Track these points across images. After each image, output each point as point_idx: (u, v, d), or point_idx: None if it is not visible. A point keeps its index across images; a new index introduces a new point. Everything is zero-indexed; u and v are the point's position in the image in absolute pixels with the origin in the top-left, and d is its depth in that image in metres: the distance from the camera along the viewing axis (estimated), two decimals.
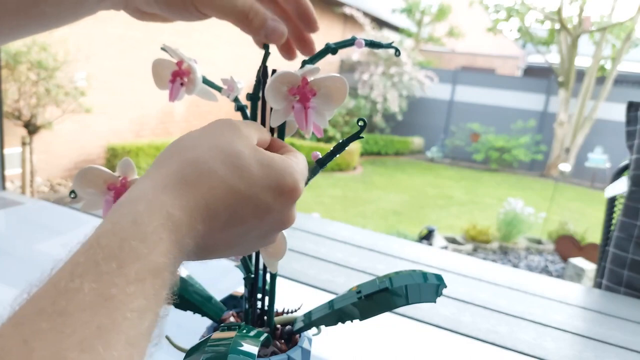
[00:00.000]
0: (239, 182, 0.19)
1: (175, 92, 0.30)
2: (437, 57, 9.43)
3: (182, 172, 0.19)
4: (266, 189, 0.20)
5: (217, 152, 0.20)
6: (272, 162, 0.20)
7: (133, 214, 0.17)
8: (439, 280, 0.32)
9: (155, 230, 0.17)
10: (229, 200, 0.19)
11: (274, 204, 0.20)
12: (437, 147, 7.07)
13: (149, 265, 0.16)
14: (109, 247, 0.16)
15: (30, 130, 2.98)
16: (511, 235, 3.39)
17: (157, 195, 0.18)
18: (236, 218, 0.20)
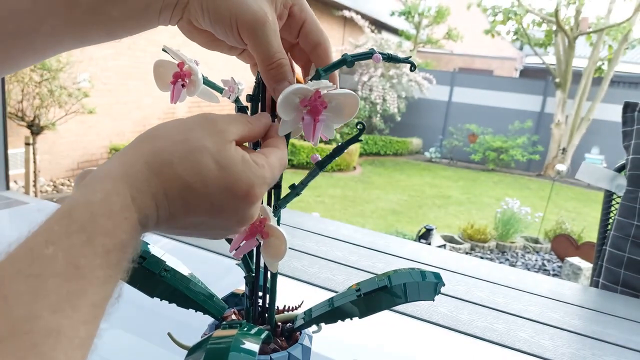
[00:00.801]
0: (194, 180, 0.20)
1: (177, 93, 0.30)
2: (435, 58, 9.45)
3: (147, 159, 0.20)
4: (220, 190, 0.21)
5: (181, 147, 0.21)
6: (231, 164, 0.21)
7: (102, 192, 0.19)
8: (437, 279, 0.32)
9: (121, 210, 0.18)
10: (183, 194, 0.20)
11: (227, 205, 0.21)
12: (435, 148, 7.08)
13: (114, 240, 0.18)
14: (81, 221, 0.17)
15: (33, 130, 2.98)
16: (508, 234, 3.40)
17: (123, 177, 0.19)
18: (191, 211, 0.21)
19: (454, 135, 7.03)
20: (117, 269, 0.18)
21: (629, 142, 0.87)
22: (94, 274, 0.17)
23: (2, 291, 0.15)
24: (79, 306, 0.16)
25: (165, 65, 0.31)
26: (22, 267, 0.15)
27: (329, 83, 0.25)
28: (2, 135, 0.92)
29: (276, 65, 0.24)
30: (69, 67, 3.08)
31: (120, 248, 0.18)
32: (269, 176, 0.23)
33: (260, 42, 0.24)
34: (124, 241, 0.18)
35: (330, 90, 0.25)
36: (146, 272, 0.30)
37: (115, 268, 0.18)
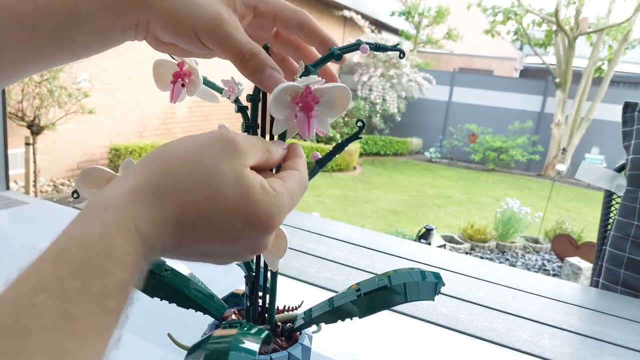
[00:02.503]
0: (210, 207, 0.19)
1: (176, 93, 0.30)
2: (435, 59, 9.45)
3: (157, 183, 0.18)
4: (237, 219, 0.19)
5: (197, 170, 0.19)
6: (250, 192, 0.20)
7: (102, 224, 0.17)
8: (437, 279, 0.32)
9: (122, 245, 0.17)
10: (196, 223, 0.19)
11: (242, 234, 0.20)
12: (435, 148, 7.08)
13: (113, 281, 0.16)
14: (75, 262, 0.15)
15: (33, 130, 2.98)
16: (508, 234, 3.40)
17: (128, 205, 0.18)
18: (202, 240, 0.20)
19: (454, 135, 7.03)
20: (115, 313, 0.16)
21: (629, 142, 0.87)
22: (89, 324, 0.15)
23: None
24: None
25: (165, 65, 0.30)
26: (6, 321, 0.14)
27: (318, 78, 0.24)
28: (2, 135, 0.92)
29: (250, 57, 0.23)
30: (69, 67, 3.08)
31: (120, 289, 0.16)
32: (287, 204, 0.21)
33: (224, 41, 0.23)
34: (124, 281, 0.16)
35: (321, 85, 0.25)
36: (146, 272, 0.30)
37: (114, 313, 0.16)
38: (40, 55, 0.24)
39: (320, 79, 0.25)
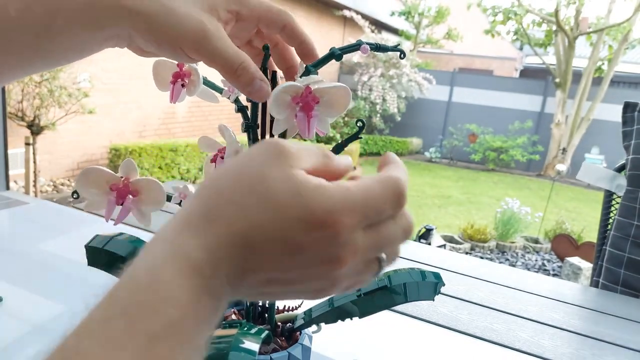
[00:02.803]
0: (262, 215, 0.16)
1: (176, 93, 0.30)
2: (435, 59, 9.45)
3: (204, 207, 0.17)
4: (294, 223, 0.16)
5: (243, 181, 0.17)
6: (302, 189, 0.17)
7: (149, 260, 0.15)
8: (437, 279, 0.32)
9: (171, 278, 0.15)
10: (251, 234, 0.16)
11: (305, 241, 0.16)
12: (435, 148, 7.09)
13: (161, 320, 0.14)
14: (121, 302, 0.14)
15: (33, 130, 2.98)
16: (508, 234, 3.40)
17: (176, 236, 0.16)
18: (262, 256, 0.17)
19: (454, 135, 7.03)
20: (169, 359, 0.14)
21: (629, 142, 0.87)
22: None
23: None
24: None
25: (165, 65, 0.31)
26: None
27: (318, 77, 0.25)
28: (2, 135, 0.92)
29: (241, 71, 0.23)
30: (69, 67, 3.08)
31: (170, 329, 0.14)
32: (359, 201, 0.17)
33: (210, 54, 0.23)
34: (174, 319, 0.14)
35: (321, 85, 0.25)
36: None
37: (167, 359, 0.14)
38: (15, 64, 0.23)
39: (321, 78, 0.25)
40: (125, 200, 0.28)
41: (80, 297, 0.57)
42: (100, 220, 0.75)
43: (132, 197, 0.28)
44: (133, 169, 0.28)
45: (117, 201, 0.28)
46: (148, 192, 0.28)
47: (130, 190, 0.28)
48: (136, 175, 0.29)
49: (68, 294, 0.51)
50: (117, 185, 0.28)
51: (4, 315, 0.45)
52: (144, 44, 0.24)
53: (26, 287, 0.52)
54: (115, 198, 0.28)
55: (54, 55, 0.23)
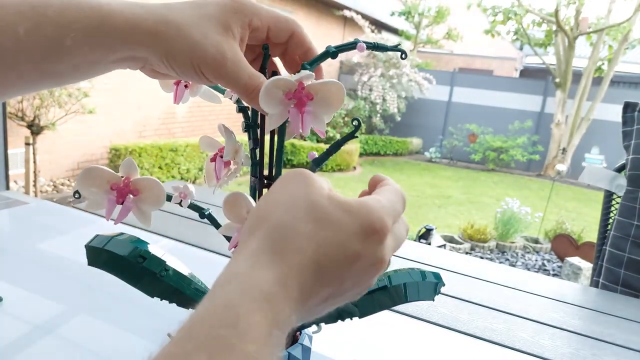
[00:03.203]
0: (325, 235, 0.18)
1: (180, 94, 0.30)
2: (435, 58, 9.45)
3: (268, 243, 0.18)
4: (352, 236, 0.19)
5: (296, 211, 0.19)
6: (351, 206, 0.19)
7: (224, 296, 0.16)
8: (437, 279, 0.32)
9: (248, 313, 0.16)
10: (318, 257, 0.18)
11: (361, 249, 0.19)
12: (436, 148, 7.09)
13: (239, 354, 0.15)
14: (199, 337, 0.15)
15: (33, 130, 2.98)
16: (508, 234, 3.40)
17: (248, 273, 0.17)
18: (329, 274, 0.18)
19: (454, 135, 7.03)
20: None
21: (629, 142, 0.87)
22: None
23: None
24: None
25: None
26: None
27: (310, 73, 0.24)
28: (2, 135, 0.92)
29: (253, 92, 0.24)
30: None
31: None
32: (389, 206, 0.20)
33: (228, 78, 0.24)
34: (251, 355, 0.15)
35: (314, 81, 0.25)
36: (146, 272, 0.30)
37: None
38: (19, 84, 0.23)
39: (312, 73, 0.25)
40: (125, 199, 0.28)
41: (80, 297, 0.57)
42: (100, 220, 0.75)
43: (132, 196, 0.28)
44: (134, 169, 0.29)
45: (117, 200, 0.28)
46: (148, 192, 0.28)
47: (130, 189, 0.28)
48: (137, 175, 0.29)
49: (68, 294, 0.51)
50: (117, 184, 0.28)
51: (4, 315, 0.45)
52: (164, 69, 0.24)
53: (26, 287, 0.52)
54: (116, 197, 0.28)
55: (61, 75, 0.23)
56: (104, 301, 0.50)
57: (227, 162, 0.30)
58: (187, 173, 4.03)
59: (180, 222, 0.79)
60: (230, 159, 0.29)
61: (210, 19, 0.24)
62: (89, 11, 0.22)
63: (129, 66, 0.24)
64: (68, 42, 0.22)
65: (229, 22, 0.24)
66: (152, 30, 0.23)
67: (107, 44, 0.22)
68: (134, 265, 0.30)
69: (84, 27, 0.22)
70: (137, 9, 0.23)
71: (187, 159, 4.01)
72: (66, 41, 0.22)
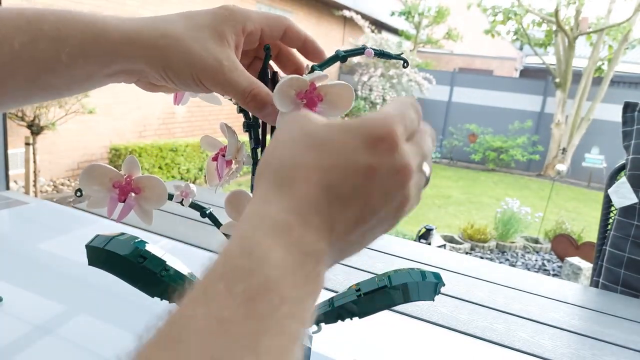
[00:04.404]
0: (328, 160, 0.17)
1: (180, 96, 0.30)
2: (435, 58, 9.45)
3: (275, 182, 0.18)
4: (357, 150, 0.17)
5: (296, 146, 0.18)
6: (349, 124, 0.18)
7: (239, 233, 0.16)
8: (437, 279, 0.32)
9: (263, 241, 0.15)
10: (328, 182, 0.17)
11: (372, 161, 0.17)
12: (435, 148, 7.08)
13: (258, 281, 0.14)
14: (216, 269, 0.15)
15: (33, 130, 2.98)
16: (508, 234, 3.40)
17: (258, 209, 0.17)
18: (344, 195, 0.17)
19: (454, 135, 7.03)
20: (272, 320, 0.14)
21: (629, 142, 0.87)
22: (239, 329, 0.13)
23: None
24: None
25: None
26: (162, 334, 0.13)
27: (324, 75, 0.25)
28: (2, 135, 0.92)
29: (251, 98, 0.25)
30: None
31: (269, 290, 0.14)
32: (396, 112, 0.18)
33: (227, 86, 0.24)
34: (271, 280, 0.14)
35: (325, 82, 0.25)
36: (146, 272, 0.30)
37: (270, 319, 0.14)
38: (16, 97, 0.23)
39: (326, 74, 0.25)
40: (127, 197, 0.28)
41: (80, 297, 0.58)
42: (100, 220, 0.75)
43: (134, 194, 0.28)
44: (136, 167, 0.29)
45: (119, 198, 0.28)
46: (150, 190, 0.28)
47: (132, 187, 0.28)
48: (139, 173, 0.29)
49: (68, 294, 0.51)
50: (120, 182, 0.28)
51: (4, 315, 0.45)
52: (161, 80, 0.24)
53: (26, 287, 0.52)
54: (118, 195, 0.28)
55: (56, 88, 0.24)
56: (104, 301, 0.50)
57: (229, 161, 0.30)
58: (187, 173, 4.03)
59: (181, 222, 0.79)
60: (232, 158, 0.29)
61: (205, 29, 0.24)
62: (84, 27, 0.22)
63: (124, 80, 0.25)
64: (63, 56, 0.22)
65: (223, 31, 0.24)
66: (151, 43, 0.23)
67: (102, 58, 0.23)
68: (134, 265, 0.30)
69: (79, 42, 0.22)
70: (133, 23, 0.23)
71: (187, 159, 4.01)
72: (61, 55, 0.22)
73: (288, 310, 0.14)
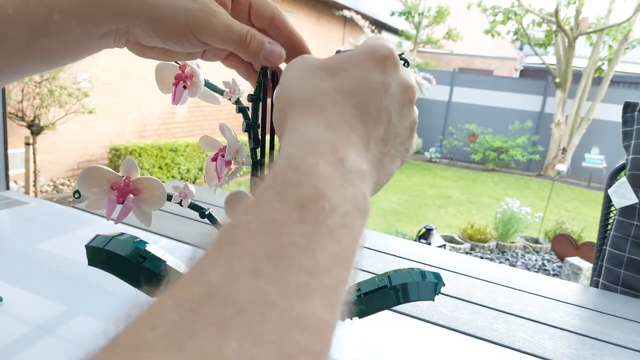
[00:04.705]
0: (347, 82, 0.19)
1: (178, 95, 0.30)
2: (435, 59, 9.45)
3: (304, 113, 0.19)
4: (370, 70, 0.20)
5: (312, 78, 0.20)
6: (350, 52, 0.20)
7: (284, 155, 0.17)
8: (437, 279, 0.32)
9: (308, 157, 0.16)
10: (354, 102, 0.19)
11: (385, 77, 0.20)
12: (435, 148, 7.09)
13: (308, 190, 0.15)
14: (266, 182, 0.15)
15: (33, 130, 2.98)
16: (508, 234, 3.40)
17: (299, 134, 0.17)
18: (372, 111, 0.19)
19: (454, 135, 7.03)
20: (322, 227, 0.14)
21: (629, 142, 0.87)
22: (293, 230, 0.13)
23: (197, 265, 0.13)
24: (282, 268, 0.13)
25: (167, 67, 0.31)
26: (216, 239, 0.14)
27: None
28: (2, 135, 0.92)
29: (250, 39, 0.24)
30: (69, 67, 3.08)
31: (317, 199, 0.14)
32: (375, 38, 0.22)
33: (222, 32, 0.24)
34: (319, 191, 0.15)
35: None
36: (146, 272, 0.30)
37: (321, 226, 0.14)
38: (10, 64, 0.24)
39: None
40: (126, 199, 0.28)
41: (80, 297, 0.57)
42: (100, 220, 0.74)
43: (133, 196, 0.28)
44: (134, 168, 0.29)
45: (118, 200, 0.28)
46: (149, 191, 0.28)
47: (131, 189, 0.28)
48: (137, 174, 0.29)
49: (68, 294, 0.51)
50: (118, 184, 0.28)
51: (4, 315, 0.45)
52: (147, 37, 0.24)
53: (26, 287, 0.52)
54: (116, 197, 0.28)
55: (51, 54, 0.24)
56: (104, 301, 0.50)
57: (228, 162, 0.30)
58: (187, 173, 4.03)
59: (181, 222, 0.79)
60: (231, 158, 0.29)
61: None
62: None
63: (114, 42, 0.24)
64: (55, 17, 0.22)
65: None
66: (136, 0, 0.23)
67: (93, 17, 0.23)
68: (134, 265, 0.30)
69: (70, 2, 0.22)
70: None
71: (187, 159, 4.01)
72: (53, 15, 0.22)
73: (340, 220, 0.15)
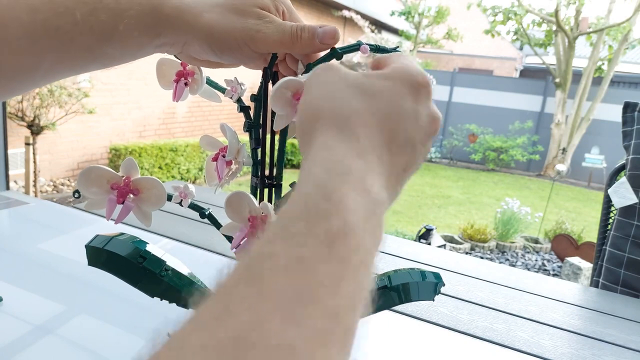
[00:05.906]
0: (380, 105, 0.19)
1: (179, 92, 0.30)
2: (435, 59, 9.46)
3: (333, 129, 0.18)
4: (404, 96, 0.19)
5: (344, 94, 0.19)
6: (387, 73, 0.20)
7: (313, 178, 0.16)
8: (437, 279, 0.32)
9: (338, 187, 0.16)
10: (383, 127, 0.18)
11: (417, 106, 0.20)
12: (435, 148, 7.09)
13: (338, 223, 0.14)
14: (295, 209, 0.15)
15: (33, 130, 2.98)
16: (508, 234, 3.40)
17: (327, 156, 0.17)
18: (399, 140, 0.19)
19: (454, 135, 7.03)
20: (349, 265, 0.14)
21: (629, 142, 0.87)
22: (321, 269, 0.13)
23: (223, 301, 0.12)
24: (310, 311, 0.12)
25: (168, 64, 0.31)
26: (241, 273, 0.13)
27: None
28: (2, 135, 0.92)
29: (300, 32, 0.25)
30: None
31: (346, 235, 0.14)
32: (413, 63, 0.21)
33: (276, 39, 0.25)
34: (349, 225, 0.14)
35: None
36: (146, 272, 0.30)
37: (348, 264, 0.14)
38: (72, 66, 0.25)
39: None
40: (126, 199, 0.28)
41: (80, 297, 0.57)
42: (100, 220, 0.74)
43: (133, 196, 0.28)
44: (134, 168, 0.28)
45: (118, 200, 0.28)
46: (149, 191, 0.28)
47: (131, 189, 0.28)
48: (137, 174, 0.29)
49: (68, 294, 0.51)
50: (118, 184, 0.28)
51: (4, 315, 0.45)
52: (203, 53, 0.26)
53: (26, 287, 0.52)
54: (116, 197, 0.28)
55: (110, 58, 0.25)
56: (104, 301, 0.50)
57: (229, 162, 0.30)
58: (187, 173, 4.03)
59: (181, 222, 0.79)
60: (232, 158, 0.29)
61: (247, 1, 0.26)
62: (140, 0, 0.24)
63: (169, 50, 0.26)
64: (121, 27, 0.24)
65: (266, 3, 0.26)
66: (197, 17, 0.25)
67: (156, 30, 0.24)
68: (134, 265, 0.30)
69: (137, 14, 0.24)
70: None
71: (187, 159, 4.01)
72: (119, 26, 0.24)
73: (362, 258, 0.15)
